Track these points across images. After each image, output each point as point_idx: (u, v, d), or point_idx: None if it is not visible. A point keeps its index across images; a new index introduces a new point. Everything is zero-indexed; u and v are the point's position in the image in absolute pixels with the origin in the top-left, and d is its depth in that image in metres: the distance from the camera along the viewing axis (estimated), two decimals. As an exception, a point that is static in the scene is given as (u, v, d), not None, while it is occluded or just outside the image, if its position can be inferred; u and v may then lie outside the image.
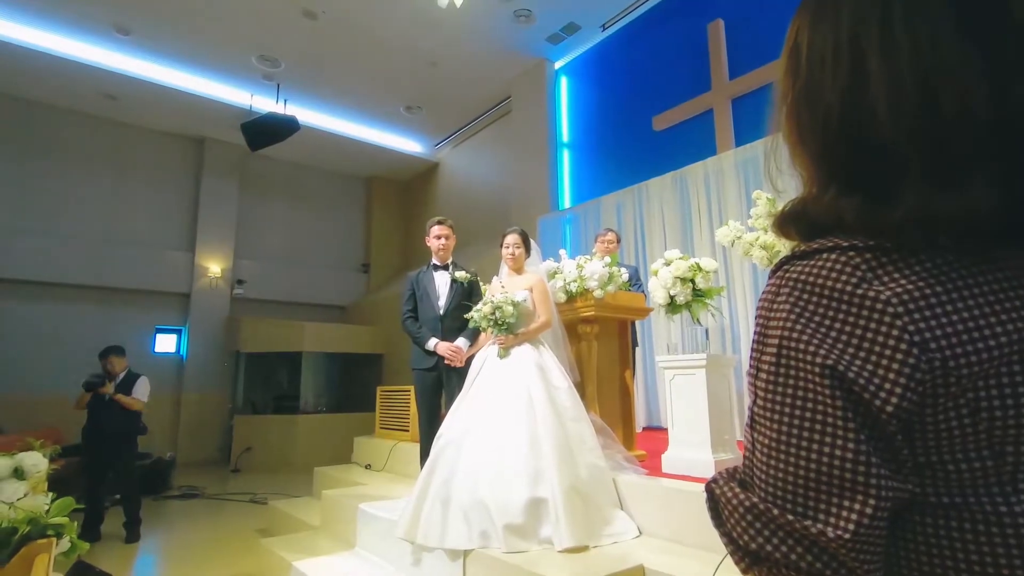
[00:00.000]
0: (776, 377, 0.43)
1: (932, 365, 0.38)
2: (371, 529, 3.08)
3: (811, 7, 0.46)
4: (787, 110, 0.47)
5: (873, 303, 0.39)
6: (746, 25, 5.44)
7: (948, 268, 0.40)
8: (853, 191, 0.43)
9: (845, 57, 0.43)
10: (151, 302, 8.86)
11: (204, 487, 6.43)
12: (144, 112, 8.46)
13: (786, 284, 0.44)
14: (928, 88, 0.39)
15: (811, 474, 0.41)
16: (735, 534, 0.45)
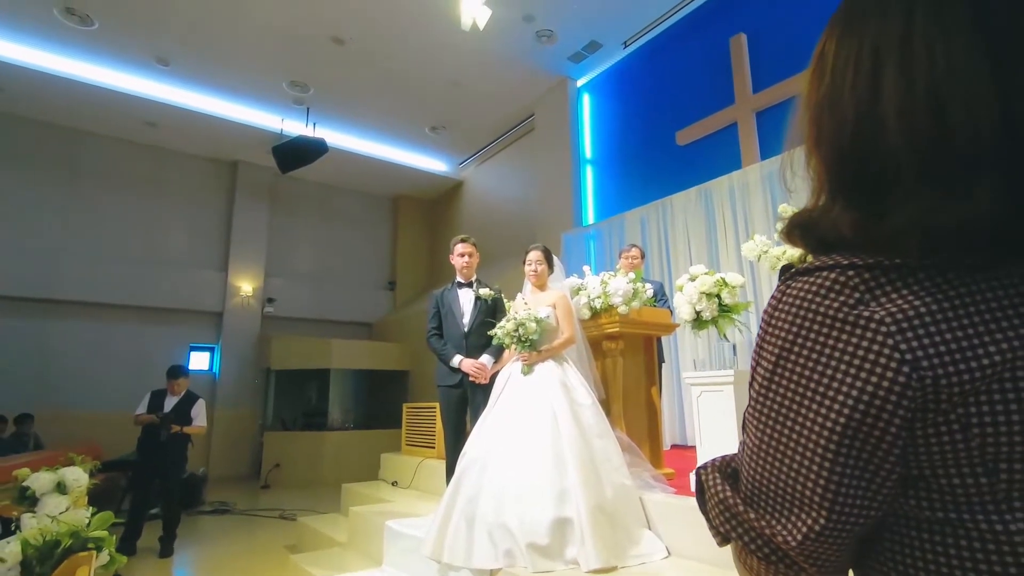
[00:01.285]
0: (767, 391, 0.46)
1: (923, 383, 0.39)
2: (398, 546, 3.09)
3: (841, 19, 0.47)
4: (809, 116, 0.49)
5: (867, 323, 0.41)
6: (768, 38, 5.42)
7: (947, 285, 0.41)
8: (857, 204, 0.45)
9: (865, 67, 0.44)
10: (186, 320, 9.13)
11: (235, 503, 6.54)
12: (182, 138, 8.81)
13: (786, 300, 0.45)
14: (937, 100, 0.40)
15: (777, 483, 0.45)
16: (712, 516, 0.52)
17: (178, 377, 4.84)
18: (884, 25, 0.43)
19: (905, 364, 0.39)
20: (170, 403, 4.81)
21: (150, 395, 4.81)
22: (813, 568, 0.45)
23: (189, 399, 4.85)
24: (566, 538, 2.44)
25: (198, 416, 4.84)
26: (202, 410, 4.88)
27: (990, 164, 0.39)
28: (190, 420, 4.79)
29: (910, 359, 0.39)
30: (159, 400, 4.80)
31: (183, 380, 4.86)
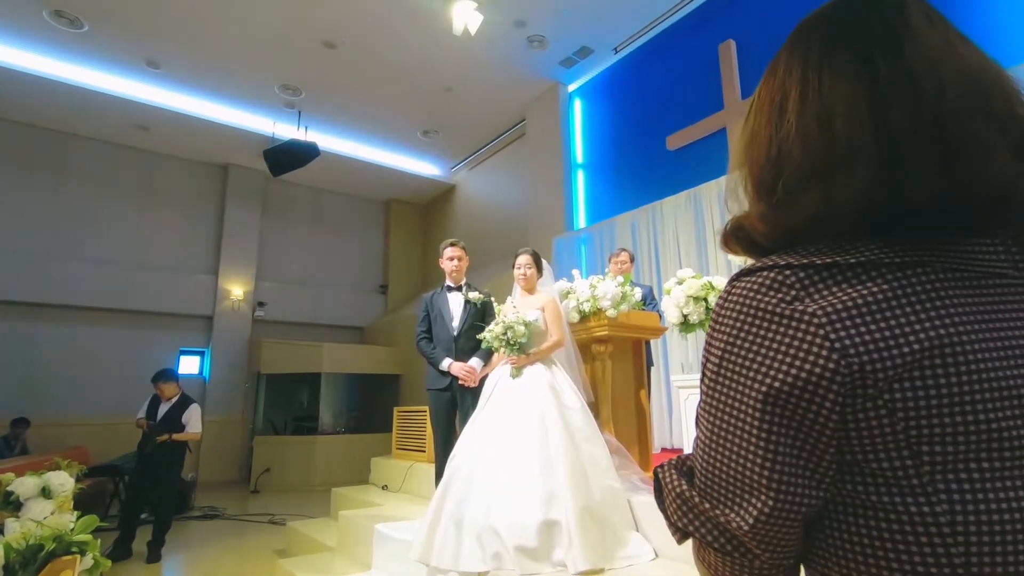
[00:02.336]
0: (715, 386, 0.50)
1: (851, 369, 0.43)
2: (387, 550, 3.09)
3: (765, 72, 0.56)
4: (742, 146, 0.57)
5: (802, 316, 0.45)
6: (757, 44, 5.48)
7: (871, 282, 0.45)
8: (766, 202, 0.52)
9: (776, 99, 0.53)
10: (176, 325, 9.07)
11: (224, 508, 6.49)
12: (172, 141, 8.78)
13: (731, 298, 0.50)
14: (827, 115, 0.48)
15: (728, 471, 0.49)
16: (669, 513, 0.54)
17: (159, 382, 4.78)
18: (790, 67, 0.53)
19: (835, 352, 0.43)
20: (164, 408, 4.76)
21: (150, 399, 4.78)
22: (766, 554, 0.48)
23: (182, 404, 4.81)
24: (554, 540, 2.45)
25: (190, 422, 4.79)
26: (195, 415, 4.83)
27: (863, 161, 0.46)
28: (182, 427, 4.74)
29: (839, 348, 0.43)
30: (154, 405, 4.77)
31: (166, 385, 4.79)
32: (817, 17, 0.54)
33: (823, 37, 0.52)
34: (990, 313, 0.45)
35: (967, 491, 0.41)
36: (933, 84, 0.46)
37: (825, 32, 0.52)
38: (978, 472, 0.42)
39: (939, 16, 0.50)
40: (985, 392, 0.42)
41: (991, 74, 0.48)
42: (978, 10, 4.02)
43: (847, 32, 0.50)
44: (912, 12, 0.49)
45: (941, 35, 0.49)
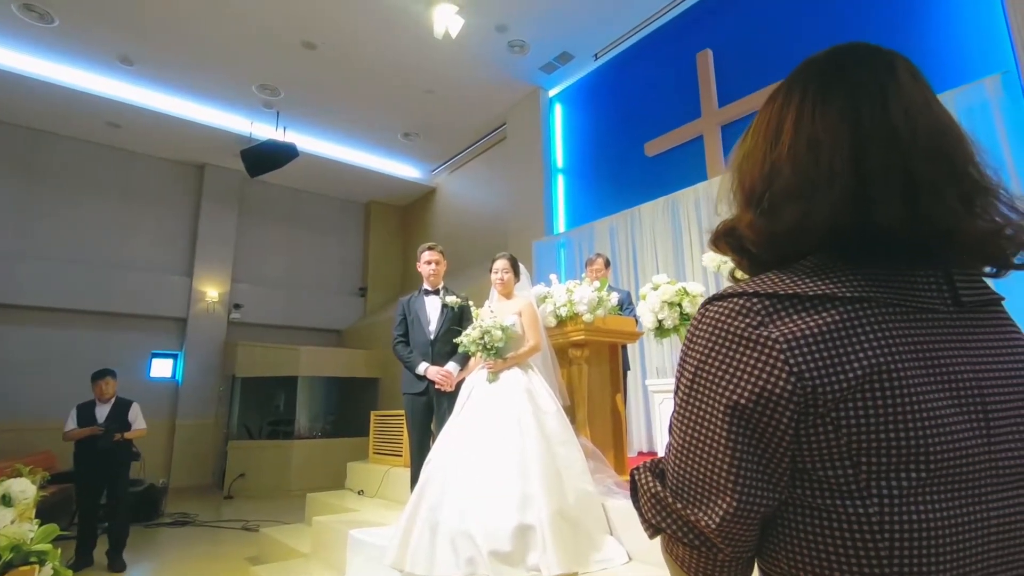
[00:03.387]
0: (688, 398, 0.56)
1: (805, 390, 0.49)
2: (361, 556, 3.06)
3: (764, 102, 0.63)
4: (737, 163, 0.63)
5: (766, 340, 0.51)
6: (734, 55, 5.58)
7: (826, 313, 0.52)
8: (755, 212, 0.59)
9: (773, 124, 0.60)
10: (148, 327, 8.88)
11: (196, 514, 6.36)
12: (146, 140, 8.60)
13: (704, 321, 0.56)
14: (816, 143, 0.55)
15: (696, 476, 0.54)
16: (643, 511, 0.59)
17: (103, 379, 4.64)
18: (790, 97, 0.59)
19: (792, 375, 0.50)
20: (103, 411, 4.58)
21: (76, 409, 4.56)
22: (728, 548, 0.54)
23: (122, 405, 4.68)
24: (528, 545, 2.45)
25: (136, 420, 4.68)
26: (139, 413, 4.73)
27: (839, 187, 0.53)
28: (129, 426, 4.64)
29: (796, 371, 0.50)
30: (88, 411, 4.56)
31: (111, 381, 4.67)
32: (819, 59, 0.60)
33: (822, 77, 0.58)
34: (921, 344, 0.52)
35: (895, 496, 0.48)
36: (908, 133, 0.53)
37: (824, 73, 0.58)
38: (906, 480, 0.48)
39: (922, 77, 0.57)
40: (913, 413, 0.49)
41: (954, 133, 0.55)
42: (937, 28, 4.15)
43: (842, 77, 0.57)
44: (900, 70, 0.56)
45: (922, 93, 0.55)
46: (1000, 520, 0.51)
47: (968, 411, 0.51)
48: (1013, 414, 0.53)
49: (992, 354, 0.55)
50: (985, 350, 0.55)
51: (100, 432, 4.45)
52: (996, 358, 0.55)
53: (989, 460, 0.51)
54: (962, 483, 0.49)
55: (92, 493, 4.50)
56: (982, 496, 0.50)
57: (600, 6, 6.04)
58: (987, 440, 0.51)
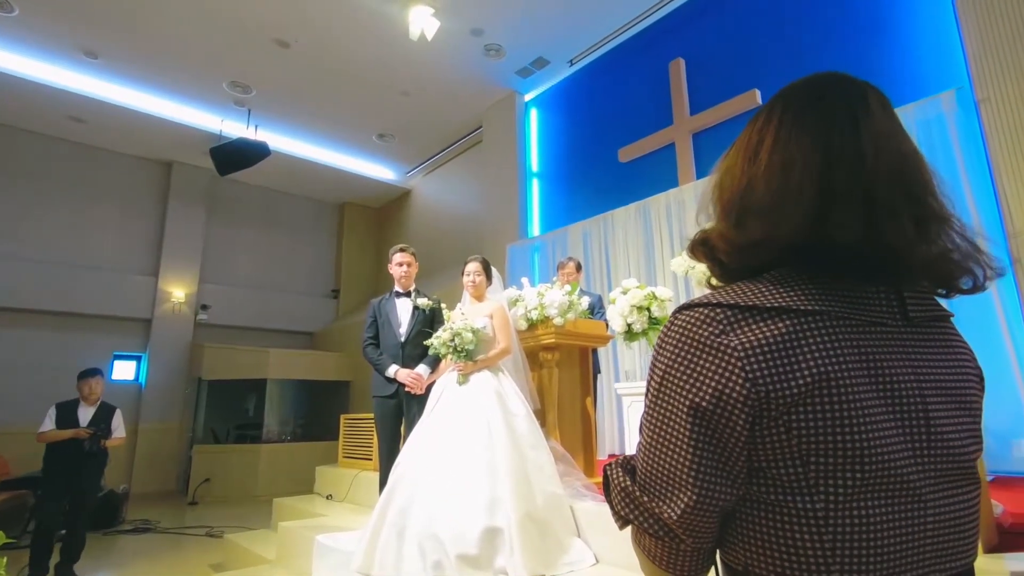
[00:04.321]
0: (656, 399, 0.60)
1: (759, 395, 0.53)
2: (327, 562, 3.01)
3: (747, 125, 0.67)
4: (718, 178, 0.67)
5: (726, 348, 0.55)
6: (705, 64, 5.69)
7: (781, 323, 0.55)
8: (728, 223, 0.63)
9: (752, 144, 0.63)
10: (110, 328, 8.61)
11: (158, 521, 6.18)
12: (111, 135, 8.36)
13: (673, 328, 0.60)
14: (789, 164, 0.59)
15: (662, 472, 0.58)
16: (614, 503, 0.64)
17: (90, 378, 4.39)
18: (770, 120, 0.63)
19: (748, 381, 0.54)
20: (86, 414, 4.34)
21: (55, 409, 4.28)
22: (690, 539, 0.59)
23: (107, 409, 4.46)
24: (496, 547, 2.45)
25: (118, 427, 4.48)
26: (121, 421, 4.54)
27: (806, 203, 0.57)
28: (110, 433, 4.43)
29: (751, 377, 0.54)
30: (70, 412, 4.28)
31: (100, 381, 4.45)
32: (799, 86, 0.65)
33: (799, 103, 0.62)
34: (868, 355, 0.56)
35: (840, 494, 0.53)
36: (873, 160, 0.57)
37: (802, 99, 0.62)
38: (851, 480, 0.53)
39: (891, 108, 0.62)
40: (855, 420, 0.53)
41: (917, 163, 0.60)
42: (897, 44, 4.30)
43: (819, 104, 0.61)
44: (872, 100, 0.61)
45: (889, 124, 0.60)
46: (936, 517, 0.55)
47: (908, 419, 0.55)
48: (954, 421, 0.58)
49: (936, 366, 0.60)
50: (929, 362, 0.59)
51: (86, 436, 4.19)
52: (940, 370, 0.60)
53: (927, 464, 0.55)
54: (899, 485, 0.53)
55: (60, 500, 4.20)
56: (919, 496, 0.54)
57: (575, 13, 6.10)
58: (927, 445, 0.56)
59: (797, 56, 4.95)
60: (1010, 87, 3.48)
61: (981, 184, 3.57)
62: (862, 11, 4.59)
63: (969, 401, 0.61)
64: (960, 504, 0.58)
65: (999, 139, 3.48)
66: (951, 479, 0.57)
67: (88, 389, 4.39)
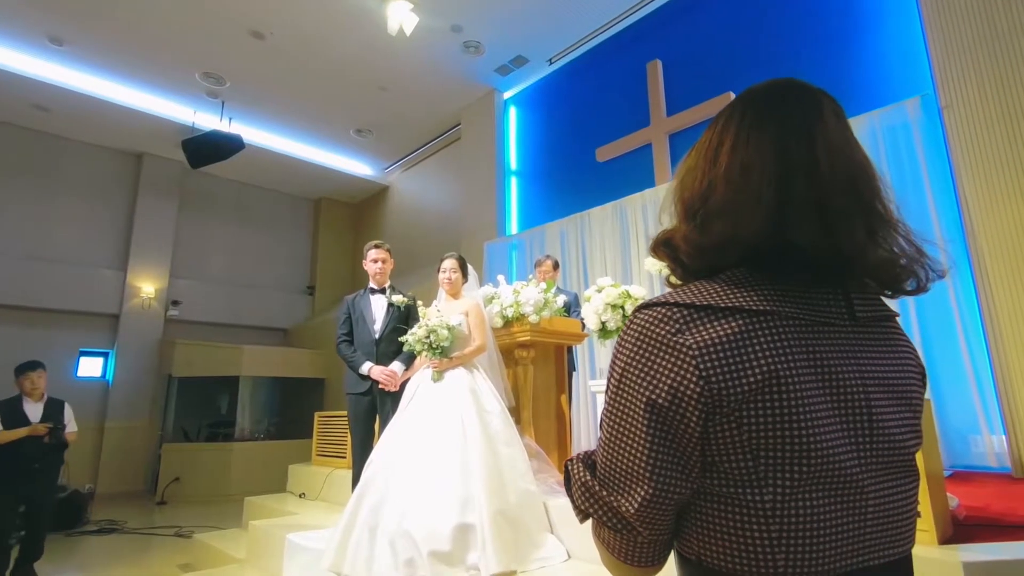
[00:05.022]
0: (615, 396, 0.61)
1: (712, 392, 0.55)
2: (298, 561, 2.98)
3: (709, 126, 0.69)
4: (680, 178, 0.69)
5: (681, 346, 0.57)
6: (682, 66, 5.76)
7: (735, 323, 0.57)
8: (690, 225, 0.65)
9: (714, 145, 0.65)
10: (76, 323, 8.37)
11: (124, 521, 6.03)
12: (78, 125, 8.11)
13: (632, 327, 0.62)
14: (748, 166, 0.61)
15: (619, 467, 0.60)
16: (574, 498, 0.65)
17: (31, 372, 4.08)
18: (730, 122, 0.65)
19: (702, 379, 0.55)
20: (35, 410, 4.05)
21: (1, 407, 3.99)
22: (646, 531, 0.60)
23: (56, 405, 4.20)
24: (468, 544, 2.45)
25: (70, 422, 4.24)
26: (72, 415, 4.27)
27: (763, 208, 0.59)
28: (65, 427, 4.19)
29: (705, 375, 0.55)
30: (14, 410, 3.98)
31: (42, 374, 4.14)
32: (759, 91, 0.66)
33: (758, 107, 0.64)
34: (815, 354, 0.58)
35: (787, 486, 0.55)
36: (827, 167, 0.59)
37: (761, 104, 0.64)
38: (798, 473, 0.55)
39: (844, 117, 0.64)
40: (802, 416, 0.55)
41: (867, 171, 0.62)
42: (865, 50, 4.42)
43: (776, 111, 0.63)
44: (827, 109, 0.63)
45: (842, 133, 0.62)
46: (877, 508, 0.58)
47: (852, 417, 0.58)
48: (896, 416, 0.61)
49: (880, 363, 0.62)
50: (874, 360, 0.62)
51: (44, 432, 3.92)
52: (884, 367, 0.62)
53: (869, 458, 0.58)
54: (842, 478, 0.56)
55: (14, 504, 3.96)
56: (861, 488, 0.57)
57: (554, 12, 6.12)
58: (870, 439, 0.59)
59: (771, 61, 5.04)
60: (972, 93, 3.60)
61: (943, 188, 3.69)
62: (834, 19, 4.69)
63: (910, 397, 0.64)
64: (899, 495, 0.61)
65: (960, 144, 3.60)
66: (891, 472, 0.60)
67: (30, 384, 4.09)
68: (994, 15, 3.59)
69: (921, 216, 3.68)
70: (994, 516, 2.15)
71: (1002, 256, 3.35)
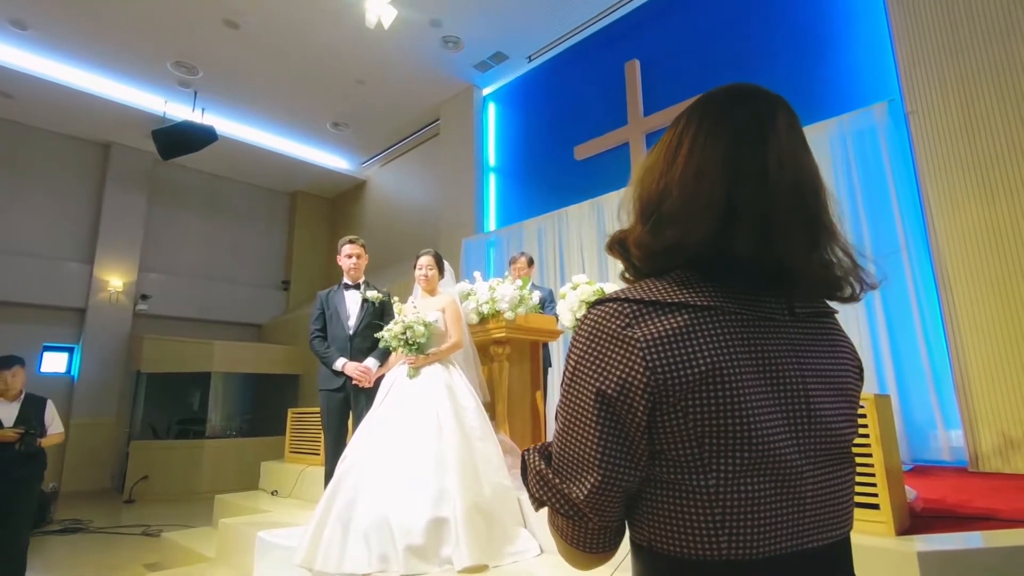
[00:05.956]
0: (568, 388, 0.64)
1: (658, 383, 0.58)
2: (269, 558, 2.95)
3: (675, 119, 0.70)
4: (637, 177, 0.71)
5: (630, 340, 0.59)
6: (659, 67, 5.82)
7: (680, 318, 0.60)
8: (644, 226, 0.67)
9: (672, 148, 0.67)
10: (39, 317, 8.11)
11: (90, 520, 5.88)
12: (42, 113, 7.85)
13: (586, 321, 0.64)
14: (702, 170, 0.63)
15: (572, 455, 0.62)
16: (530, 487, 0.68)
17: (11, 367, 3.67)
18: (688, 125, 0.67)
19: (648, 370, 0.58)
20: (9, 411, 3.62)
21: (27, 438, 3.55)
22: (596, 517, 0.63)
23: (35, 403, 3.78)
24: (442, 538, 2.46)
25: (53, 422, 3.83)
26: (56, 414, 3.89)
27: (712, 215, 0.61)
28: (45, 430, 3.76)
29: (651, 367, 0.58)
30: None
31: (19, 371, 3.71)
32: (716, 96, 0.68)
33: (714, 113, 0.66)
34: (755, 347, 0.61)
35: (729, 472, 0.58)
36: (775, 176, 0.61)
37: (716, 110, 0.66)
38: (739, 459, 0.58)
39: (798, 126, 0.66)
40: (743, 405, 0.58)
41: (815, 183, 0.64)
42: (835, 54, 4.53)
43: (730, 117, 0.65)
44: (780, 117, 0.65)
45: (793, 144, 0.64)
46: (815, 494, 0.61)
47: (790, 406, 0.61)
48: (833, 406, 0.64)
49: (818, 357, 0.66)
50: (812, 354, 0.65)
51: (15, 437, 3.50)
52: (822, 360, 0.66)
53: (807, 445, 0.61)
54: (781, 464, 0.59)
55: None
56: (799, 474, 0.60)
57: (534, 9, 6.12)
58: (807, 429, 0.62)
59: (747, 64, 5.13)
60: (936, 98, 3.72)
61: (908, 190, 3.80)
62: (808, 25, 4.79)
63: (847, 389, 0.68)
64: (837, 481, 0.64)
65: (924, 148, 3.72)
66: (829, 459, 0.63)
67: (3, 384, 3.64)
68: (958, 26, 3.71)
69: (886, 217, 3.79)
70: (950, 508, 2.23)
71: (961, 257, 3.47)
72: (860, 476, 1.90)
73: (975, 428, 3.29)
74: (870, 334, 3.73)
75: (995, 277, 3.35)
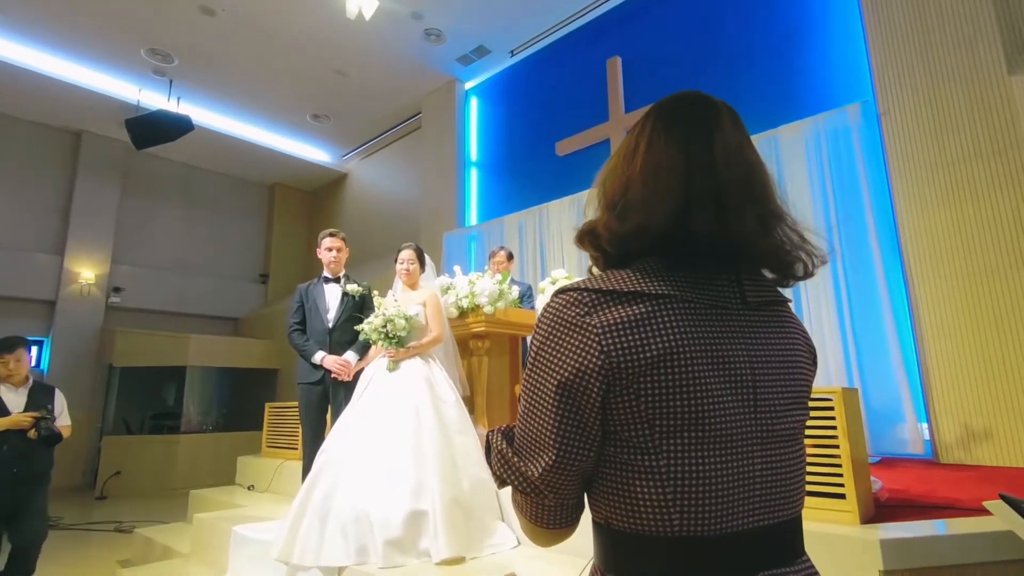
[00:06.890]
0: (530, 372, 0.68)
1: (612, 366, 0.61)
2: (245, 553, 2.93)
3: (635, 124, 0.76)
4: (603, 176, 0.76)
5: (587, 327, 0.63)
6: (641, 64, 5.86)
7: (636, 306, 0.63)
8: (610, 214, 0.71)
9: (631, 147, 0.72)
10: (7, 310, 7.87)
11: (60, 517, 5.76)
12: (10, 99, 7.61)
13: (548, 309, 0.68)
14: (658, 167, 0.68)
15: (531, 435, 0.67)
16: (493, 466, 0.72)
17: (15, 349, 3.28)
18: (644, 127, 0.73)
19: (602, 354, 0.62)
20: (17, 398, 3.29)
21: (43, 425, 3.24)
22: (551, 494, 0.67)
23: (44, 391, 3.42)
24: (420, 531, 2.47)
25: (63, 413, 3.47)
26: (64, 404, 3.51)
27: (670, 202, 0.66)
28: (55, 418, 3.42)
29: (606, 351, 0.62)
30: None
31: (23, 354, 3.33)
32: (668, 102, 0.75)
33: (668, 114, 0.72)
34: (709, 334, 0.64)
35: (680, 451, 0.62)
36: (724, 166, 0.67)
37: (667, 113, 0.72)
38: (688, 439, 0.62)
39: (741, 124, 0.73)
40: (694, 388, 0.61)
41: (759, 170, 0.71)
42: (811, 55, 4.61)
43: (681, 117, 0.71)
44: (723, 116, 0.71)
45: (737, 137, 0.70)
46: (763, 472, 0.65)
47: (738, 389, 0.65)
48: (778, 391, 0.68)
49: (767, 344, 0.70)
50: (761, 341, 0.69)
51: (28, 424, 3.19)
52: (770, 347, 0.70)
53: (755, 426, 0.65)
54: (730, 443, 0.63)
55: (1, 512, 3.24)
56: (748, 453, 0.64)
57: (516, 3, 6.11)
58: (754, 411, 0.66)
59: (725, 63, 5.19)
60: (907, 99, 3.82)
61: (879, 189, 3.90)
62: (785, 26, 4.87)
63: (797, 373, 0.72)
64: (786, 461, 0.68)
65: (895, 148, 3.81)
66: (777, 440, 0.67)
67: (5, 369, 3.27)
68: (929, 30, 3.81)
69: (857, 214, 3.89)
70: (913, 497, 2.31)
71: (929, 254, 3.58)
72: (827, 467, 1.96)
73: (938, 420, 3.40)
74: (839, 329, 3.83)
75: (959, 274, 3.46)
